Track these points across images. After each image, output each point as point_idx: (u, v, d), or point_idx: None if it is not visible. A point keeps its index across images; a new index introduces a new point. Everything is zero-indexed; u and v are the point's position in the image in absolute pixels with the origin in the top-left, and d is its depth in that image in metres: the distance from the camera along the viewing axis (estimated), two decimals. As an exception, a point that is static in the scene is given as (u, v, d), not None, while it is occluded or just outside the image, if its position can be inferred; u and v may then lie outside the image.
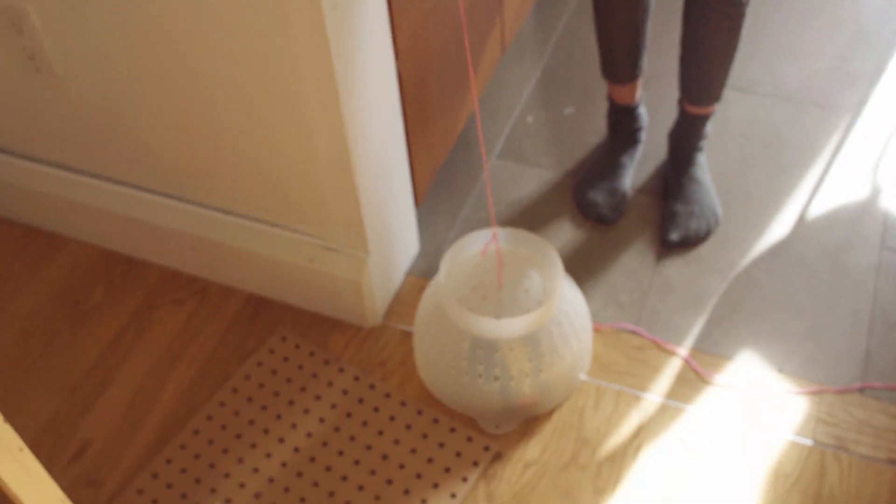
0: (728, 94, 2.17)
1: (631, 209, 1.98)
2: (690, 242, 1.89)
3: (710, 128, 1.95)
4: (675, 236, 1.88)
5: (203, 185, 1.75)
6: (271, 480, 1.62)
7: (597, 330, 1.79)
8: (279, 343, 1.80)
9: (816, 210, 1.96)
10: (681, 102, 1.92)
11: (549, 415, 1.69)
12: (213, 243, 1.81)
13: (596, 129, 2.13)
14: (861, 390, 1.69)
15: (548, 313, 1.59)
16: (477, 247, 1.68)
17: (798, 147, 2.07)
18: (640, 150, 2.03)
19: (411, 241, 1.88)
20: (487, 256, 1.67)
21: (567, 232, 1.95)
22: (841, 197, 1.98)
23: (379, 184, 1.67)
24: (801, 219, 1.94)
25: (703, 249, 1.91)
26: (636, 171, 2.04)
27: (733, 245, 1.91)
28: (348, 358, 1.77)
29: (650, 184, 2.02)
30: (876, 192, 1.99)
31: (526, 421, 1.68)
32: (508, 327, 1.57)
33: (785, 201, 1.98)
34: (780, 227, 1.93)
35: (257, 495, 1.60)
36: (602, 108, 2.13)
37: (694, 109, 1.89)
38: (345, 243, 1.71)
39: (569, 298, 1.66)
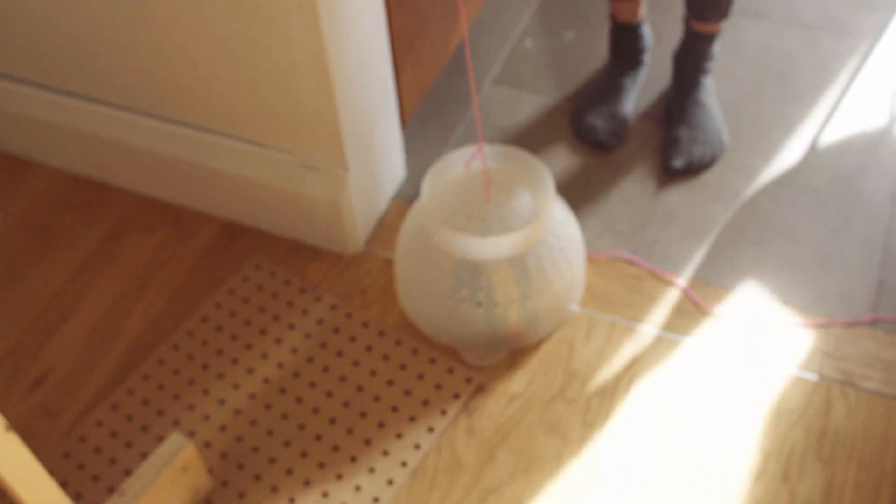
0: (739, 19, 2.03)
1: (633, 135, 1.85)
2: (694, 169, 1.76)
3: (717, 49, 1.81)
4: (678, 162, 1.75)
5: (176, 100, 1.64)
6: (238, 412, 1.51)
7: (591, 259, 1.66)
8: (253, 270, 1.68)
9: (829, 138, 1.82)
10: (686, 20, 1.78)
11: (536, 347, 1.57)
12: (187, 164, 1.69)
13: (598, 55, 1.99)
14: (872, 323, 1.56)
15: (536, 233, 1.47)
16: (462, 165, 1.56)
17: (812, 74, 1.93)
18: (644, 73, 1.90)
19: (397, 164, 1.76)
20: (473, 175, 1.55)
21: (563, 158, 1.82)
22: (855, 125, 1.84)
23: (360, 98, 1.55)
24: (813, 147, 1.81)
25: (708, 177, 1.78)
26: (640, 96, 1.90)
27: (739, 173, 1.78)
28: (327, 286, 1.66)
29: (654, 110, 1.89)
30: (893, 121, 1.85)
31: (511, 353, 1.56)
32: (493, 246, 1.45)
33: (796, 129, 1.84)
34: (789, 155, 1.80)
35: (223, 428, 1.49)
36: (605, 34, 2.00)
37: (700, 27, 1.75)
38: (323, 160, 1.59)
39: (560, 220, 1.54)
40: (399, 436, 1.47)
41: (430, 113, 1.91)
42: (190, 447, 1.34)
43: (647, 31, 1.87)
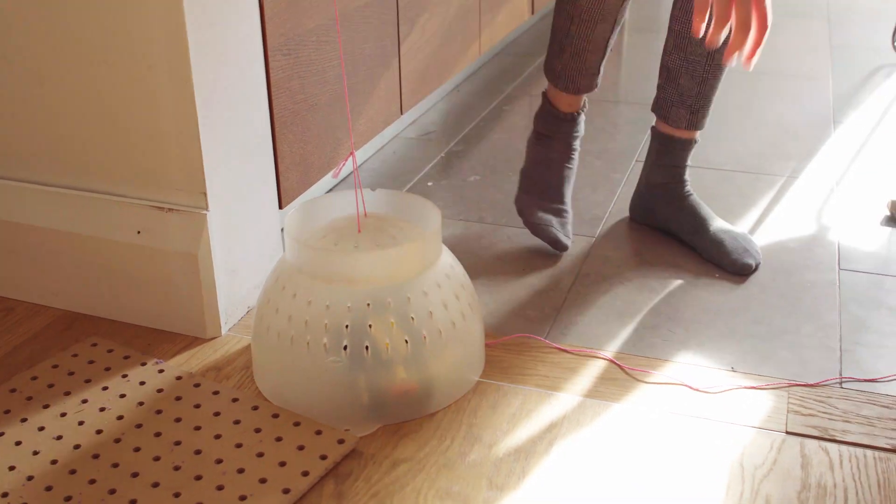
0: (649, 166, 1.80)
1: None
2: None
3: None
4: (750, 260, 1.45)
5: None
6: (30, 479, 1.03)
7: (493, 344, 1.28)
8: (87, 348, 1.27)
9: (760, 241, 1.53)
10: (661, 127, 1.54)
11: (429, 416, 1.14)
12: (15, 227, 1.33)
13: (501, 190, 1.73)
14: (841, 383, 1.18)
15: (417, 256, 1.11)
16: (335, 211, 1.23)
17: (730, 200, 1.67)
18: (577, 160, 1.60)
19: (272, 248, 1.41)
20: (347, 217, 1.21)
21: (463, 258, 1.49)
22: (784, 233, 1.56)
23: (227, 146, 1.24)
24: (742, 250, 1.51)
25: (627, 273, 1.45)
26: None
27: (664, 270, 1.45)
28: (175, 364, 1.24)
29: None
30: (823, 230, 1.57)
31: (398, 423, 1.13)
32: (360, 265, 1.09)
33: (721, 239, 1.55)
34: (717, 258, 1.49)
35: (5, 494, 1.01)
36: (508, 178, 1.75)
37: (680, 132, 1.51)
38: (181, 198, 1.25)
39: (451, 265, 1.19)
40: (243, 498, 1.00)
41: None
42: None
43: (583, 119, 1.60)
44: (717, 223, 1.48)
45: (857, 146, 1.93)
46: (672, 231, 1.52)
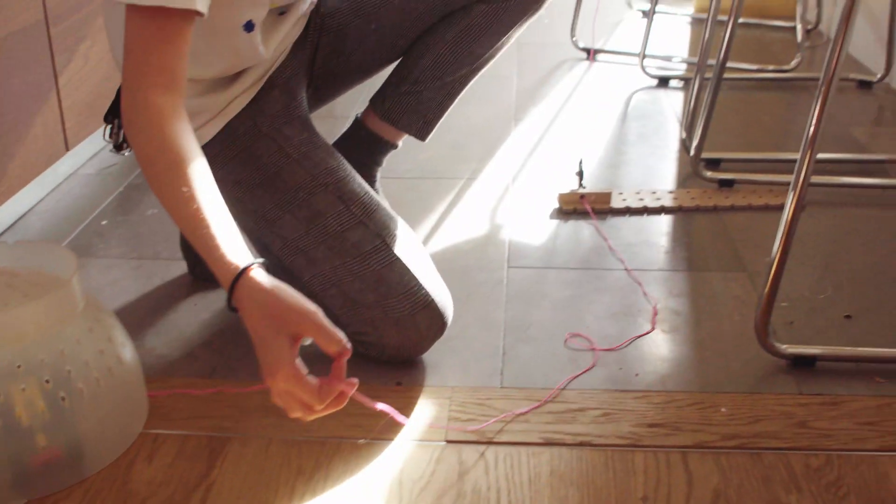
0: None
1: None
2: None
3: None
4: None
5: None
6: None
7: (154, 394, 1.22)
8: None
9: (436, 247, 1.54)
10: (365, 118, 1.43)
11: (82, 481, 1.07)
12: None
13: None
14: (501, 384, 1.20)
15: (49, 313, 1.03)
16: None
17: (412, 209, 1.68)
18: None
19: None
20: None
21: (132, 300, 1.42)
22: (459, 236, 1.58)
23: None
24: (418, 258, 1.52)
25: (303, 294, 1.42)
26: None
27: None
28: None
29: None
30: (496, 228, 1.61)
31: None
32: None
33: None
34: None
35: None
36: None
37: (385, 129, 1.42)
38: None
39: (95, 317, 1.11)
40: None
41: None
42: None
43: None
44: None
45: (534, 142, 1.99)
46: None
